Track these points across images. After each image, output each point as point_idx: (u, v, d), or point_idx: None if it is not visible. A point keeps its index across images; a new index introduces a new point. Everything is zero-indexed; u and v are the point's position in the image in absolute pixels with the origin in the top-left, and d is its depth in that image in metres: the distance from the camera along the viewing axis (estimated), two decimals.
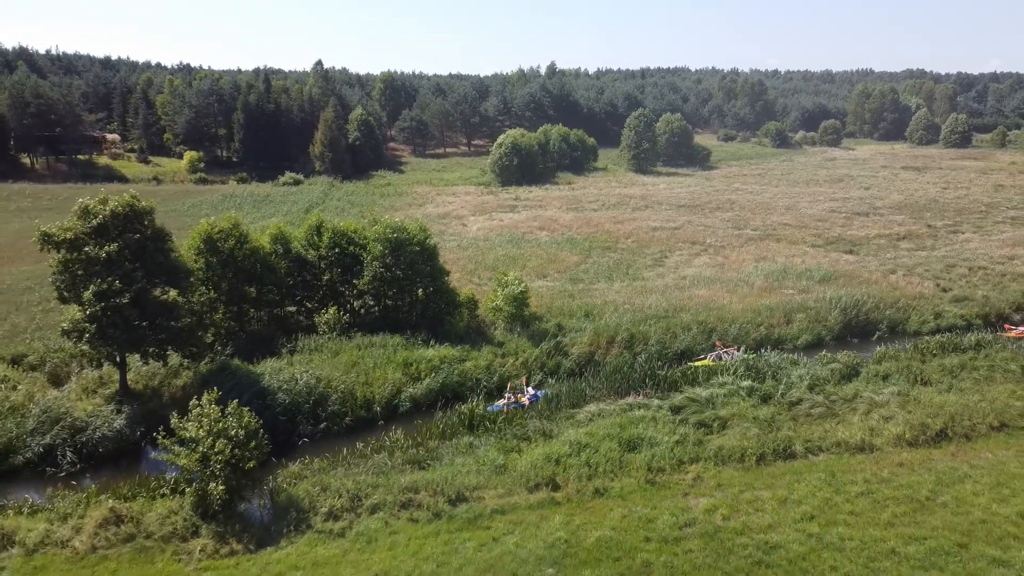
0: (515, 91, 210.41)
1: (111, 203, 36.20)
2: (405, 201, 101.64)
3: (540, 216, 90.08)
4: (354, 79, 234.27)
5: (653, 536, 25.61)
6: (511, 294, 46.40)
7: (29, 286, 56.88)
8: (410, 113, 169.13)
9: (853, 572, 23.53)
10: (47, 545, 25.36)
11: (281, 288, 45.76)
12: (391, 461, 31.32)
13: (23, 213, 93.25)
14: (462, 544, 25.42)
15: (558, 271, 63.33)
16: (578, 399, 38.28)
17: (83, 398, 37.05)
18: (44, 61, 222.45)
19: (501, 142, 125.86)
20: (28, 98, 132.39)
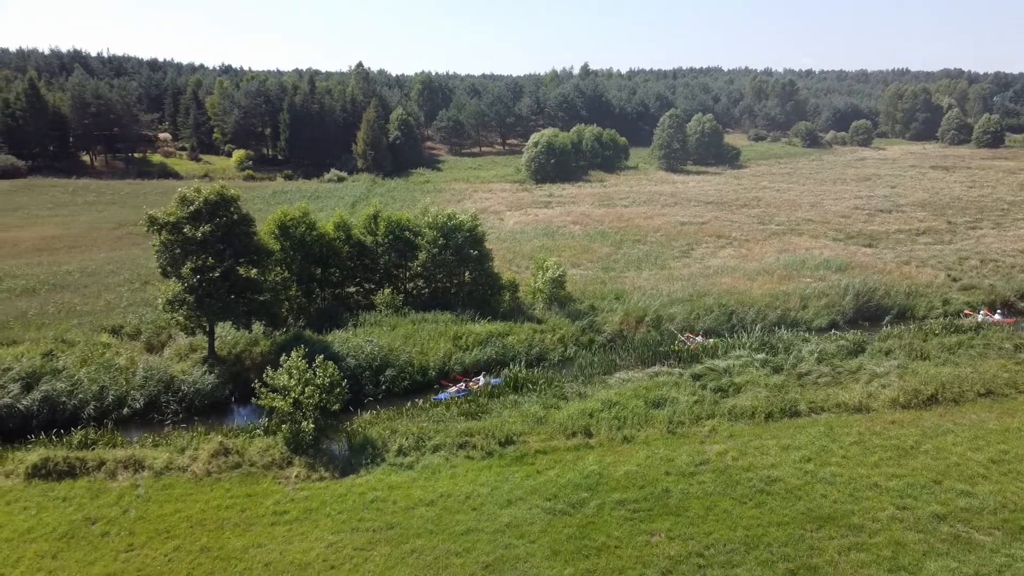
0: (548, 91, 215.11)
1: (204, 191, 41.80)
2: (444, 197, 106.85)
3: (573, 211, 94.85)
4: (392, 80, 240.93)
5: (672, 471, 30.38)
6: (551, 277, 51.40)
7: (113, 269, 63.05)
8: (447, 113, 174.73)
9: (840, 499, 28.08)
10: (171, 470, 30.81)
11: (343, 270, 51.23)
12: (447, 413, 36.46)
13: (90, 207, 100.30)
14: (511, 474, 30.42)
15: (591, 261, 68.06)
16: (609, 368, 43.16)
17: (178, 361, 42.68)
18: (96, 63, 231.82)
19: (535, 141, 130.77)
20: (89, 99, 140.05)
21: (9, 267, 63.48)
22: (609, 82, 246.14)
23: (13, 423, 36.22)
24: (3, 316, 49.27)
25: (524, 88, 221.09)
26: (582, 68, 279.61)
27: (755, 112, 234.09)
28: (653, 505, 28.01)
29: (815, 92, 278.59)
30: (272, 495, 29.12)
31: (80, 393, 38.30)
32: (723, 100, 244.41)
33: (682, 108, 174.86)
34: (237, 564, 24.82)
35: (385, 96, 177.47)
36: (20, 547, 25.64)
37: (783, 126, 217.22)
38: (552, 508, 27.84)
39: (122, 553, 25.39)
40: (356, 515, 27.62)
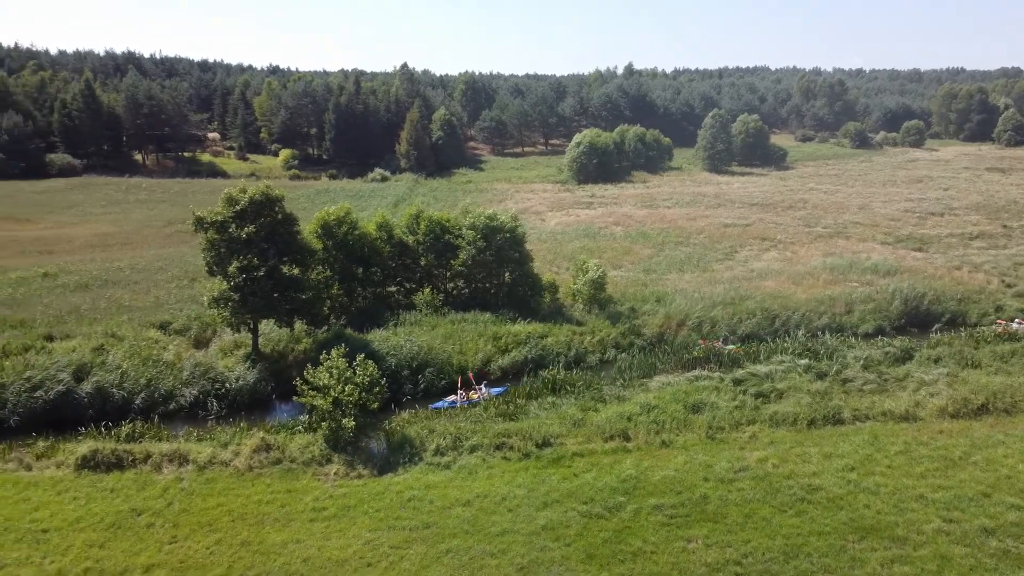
0: (592, 91, 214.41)
1: (249, 192, 42.57)
2: (486, 197, 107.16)
3: (615, 212, 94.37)
4: (436, 80, 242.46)
5: (711, 477, 30.03)
6: (591, 278, 51.24)
7: (162, 266, 64.62)
8: (490, 113, 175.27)
9: (884, 510, 27.43)
10: (214, 464, 31.44)
11: (384, 269, 51.73)
12: (485, 414, 36.56)
13: (142, 205, 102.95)
14: (548, 477, 30.38)
15: (632, 262, 67.63)
16: (649, 371, 42.83)
17: (223, 357, 43.55)
18: (149, 65, 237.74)
19: (578, 141, 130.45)
20: (142, 99, 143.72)
21: (64, 263, 65.46)
22: (653, 82, 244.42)
23: (65, 414, 37.36)
24: (58, 311, 50.81)
25: (567, 88, 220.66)
26: (626, 68, 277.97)
27: (803, 112, 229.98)
28: (691, 511, 27.73)
29: (865, 92, 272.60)
30: (311, 491, 29.53)
31: (128, 387, 39.35)
32: (770, 100, 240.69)
33: (727, 108, 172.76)
34: (276, 558, 25.22)
35: (429, 96, 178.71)
36: (70, 536, 26.41)
37: (831, 127, 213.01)
38: (588, 511, 27.73)
39: (166, 544, 25.98)
40: (393, 513, 27.86)
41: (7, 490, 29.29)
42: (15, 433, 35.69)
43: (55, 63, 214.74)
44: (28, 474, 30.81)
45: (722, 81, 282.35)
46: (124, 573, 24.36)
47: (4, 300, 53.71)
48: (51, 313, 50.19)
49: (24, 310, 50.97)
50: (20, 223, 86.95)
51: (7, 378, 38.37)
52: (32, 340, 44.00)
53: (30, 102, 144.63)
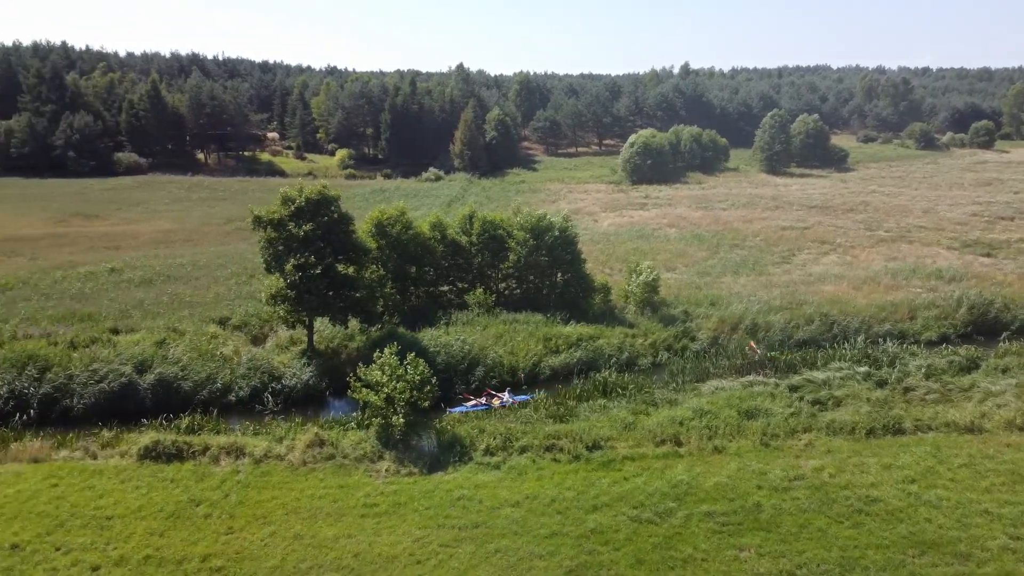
0: (647, 91, 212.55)
1: (306, 191, 43.33)
2: (539, 198, 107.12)
3: (669, 213, 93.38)
4: (491, 80, 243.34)
5: (765, 485, 29.45)
6: (644, 280, 50.79)
7: (222, 263, 66.25)
8: (544, 113, 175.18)
9: (946, 525, 26.52)
10: (269, 458, 32.07)
11: (437, 269, 52.12)
12: (535, 415, 36.53)
13: (203, 203, 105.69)
14: (598, 480, 30.19)
15: (686, 265, 66.81)
16: (702, 375, 42.25)
17: (279, 353, 44.42)
18: (212, 66, 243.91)
19: (632, 142, 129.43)
20: (204, 100, 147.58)
21: (130, 258, 67.63)
22: (710, 82, 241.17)
23: (128, 405, 38.60)
24: (123, 305, 52.51)
25: (622, 88, 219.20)
26: (682, 67, 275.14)
27: (865, 112, 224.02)
28: (743, 519, 27.24)
29: (932, 91, 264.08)
30: (363, 487, 29.90)
31: (188, 380, 40.43)
32: (831, 100, 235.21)
33: (786, 108, 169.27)
34: (328, 552, 25.60)
35: (483, 96, 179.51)
36: (132, 523, 27.22)
37: (895, 127, 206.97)
38: (638, 516, 27.47)
39: (222, 535, 26.60)
40: (443, 512, 28.03)
41: (74, 477, 30.35)
42: (81, 422, 37.02)
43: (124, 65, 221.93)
44: (93, 462, 31.87)
45: (781, 80, 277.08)
46: (182, 562, 25.01)
47: (74, 294, 55.75)
48: (117, 307, 51.90)
49: (92, 304, 52.83)
50: (89, 220, 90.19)
51: (75, 369, 39.82)
52: (99, 333, 45.57)
53: (100, 103, 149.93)
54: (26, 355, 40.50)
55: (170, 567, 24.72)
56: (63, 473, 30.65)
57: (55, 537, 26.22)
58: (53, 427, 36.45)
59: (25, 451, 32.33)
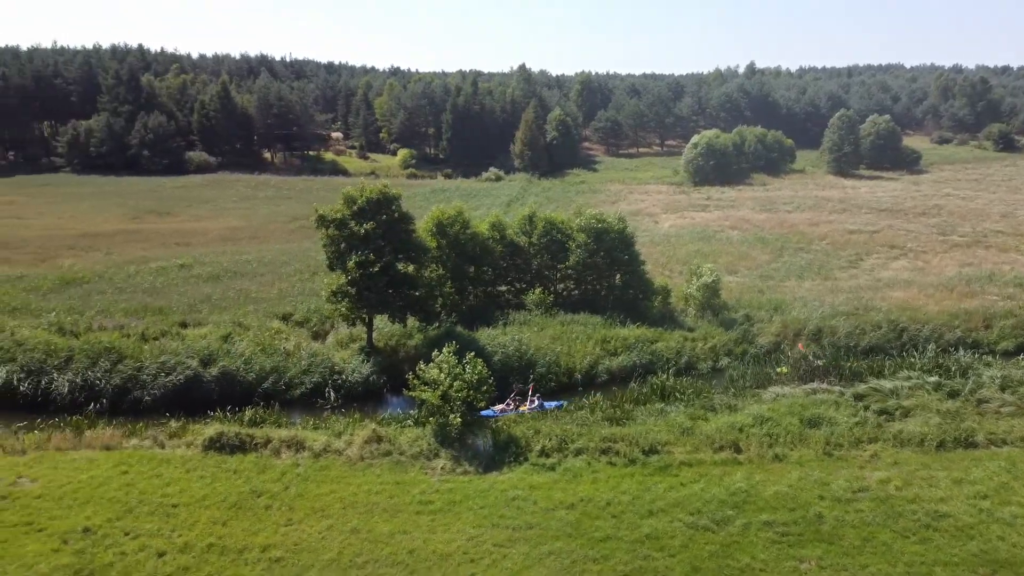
0: (711, 91, 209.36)
1: (367, 190, 43.97)
2: (599, 198, 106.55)
3: (732, 215, 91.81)
4: (552, 81, 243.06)
5: (827, 495, 28.66)
6: (704, 283, 50.03)
7: (286, 260, 67.75)
8: (605, 113, 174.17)
9: (1020, 544, 25.38)
10: (328, 452, 32.64)
11: (496, 269, 52.31)
12: (591, 417, 36.30)
13: (269, 201, 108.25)
14: (654, 484, 29.83)
15: (748, 268, 65.56)
16: (763, 381, 41.41)
17: (339, 350, 45.18)
18: (280, 67, 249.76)
19: (695, 142, 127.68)
20: (272, 100, 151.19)
21: (199, 254, 69.73)
22: (776, 81, 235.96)
23: (194, 397, 39.77)
24: (192, 299, 54.18)
25: (685, 88, 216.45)
26: (748, 67, 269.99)
27: (940, 113, 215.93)
28: (804, 530, 26.55)
29: (1012, 91, 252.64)
30: (418, 485, 30.17)
31: (251, 374, 41.44)
32: (903, 100, 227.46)
33: (856, 108, 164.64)
34: (384, 548, 25.90)
35: (544, 96, 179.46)
36: (196, 512, 28.03)
37: (972, 128, 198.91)
38: (695, 523, 27.04)
39: (282, 526, 27.16)
40: (497, 512, 28.08)
41: (143, 466, 31.41)
42: (150, 413, 38.33)
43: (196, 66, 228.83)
44: (161, 451, 32.93)
45: (851, 80, 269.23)
46: (243, 551, 25.63)
47: (146, 288, 57.75)
48: (185, 301, 53.57)
49: (163, 298, 54.65)
50: (162, 217, 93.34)
51: (145, 361, 41.22)
52: (168, 326, 47.13)
53: (173, 103, 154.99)
54: (101, 346, 42.12)
55: (232, 556, 25.36)
56: (133, 461, 31.74)
57: (124, 522, 27.17)
58: (124, 416, 37.86)
59: (98, 439, 33.59)
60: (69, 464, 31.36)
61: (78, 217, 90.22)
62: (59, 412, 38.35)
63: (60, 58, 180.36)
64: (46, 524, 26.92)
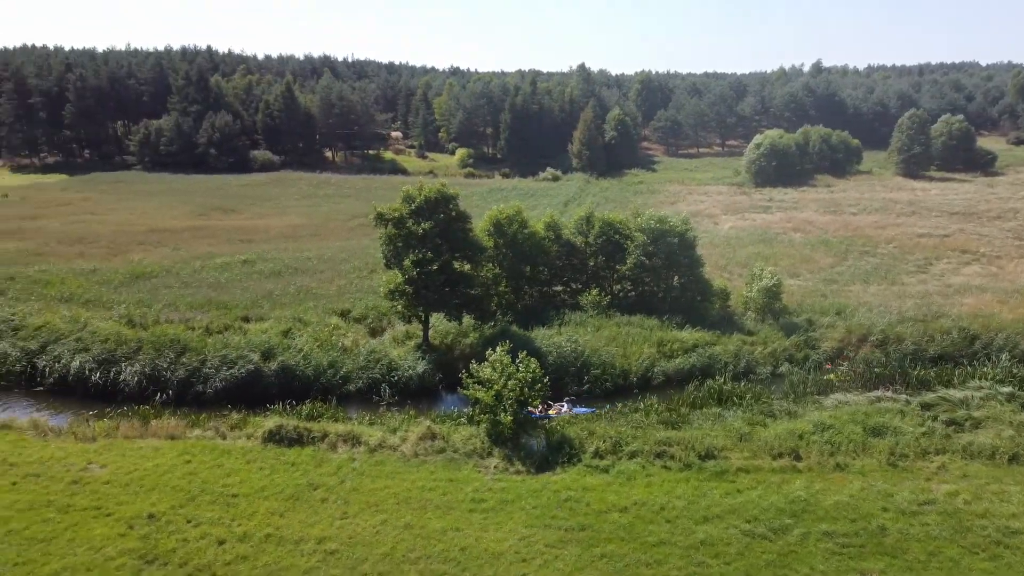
0: (775, 90, 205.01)
1: (425, 190, 44.34)
2: (657, 199, 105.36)
3: (794, 217, 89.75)
4: (612, 80, 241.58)
5: (891, 507, 27.76)
6: (765, 286, 49.00)
7: (345, 257, 68.83)
8: (665, 113, 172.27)
9: None
10: (383, 448, 33.04)
11: (552, 269, 52.19)
12: (646, 420, 35.88)
13: (329, 199, 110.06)
14: (709, 490, 29.34)
15: (811, 271, 63.99)
16: (824, 387, 40.39)
17: (395, 347, 45.67)
18: (342, 68, 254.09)
19: (758, 143, 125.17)
20: (334, 100, 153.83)
21: (262, 251, 71.35)
22: (843, 80, 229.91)
23: (254, 390, 40.70)
24: (254, 295, 55.47)
25: (748, 87, 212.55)
26: (813, 65, 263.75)
27: (1017, 112, 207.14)
28: (866, 542, 25.77)
29: None
30: (471, 482, 30.28)
31: (309, 369, 42.19)
32: (978, 99, 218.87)
33: (927, 108, 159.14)
34: (436, 544, 26.06)
35: (603, 96, 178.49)
36: (255, 502, 28.68)
37: None
38: (751, 531, 26.50)
39: (337, 520, 27.58)
40: (549, 512, 27.99)
41: (205, 456, 32.28)
42: (212, 404, 39.40)
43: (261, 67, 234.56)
44: (223, 442, 33.78)
45: (922, 79, 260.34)
46: (300, 542, 26.10)
47: (211, 283, 59.36)
48: (248, 296, 54.87)
49: (226, 293, 56.09)
50: (227, 213, 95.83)
51: (208, 354, 42.34)
52: (231, 320, 48.36)
53: (239, 103, 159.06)
54: (167, 339, 43.47)
55: (288, 546, 25.86)
56: (196, 451, 32.66)
57: (187, 510, 27.97)
58: (188, 407, 39.02)
59: (163, 428, 34.67)
60: (136, 452, 32.45)
61: (148, 213, 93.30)
62: (127, 401, 39.81)
63: (133, 59, 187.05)
64: (114, 509, 27.89)
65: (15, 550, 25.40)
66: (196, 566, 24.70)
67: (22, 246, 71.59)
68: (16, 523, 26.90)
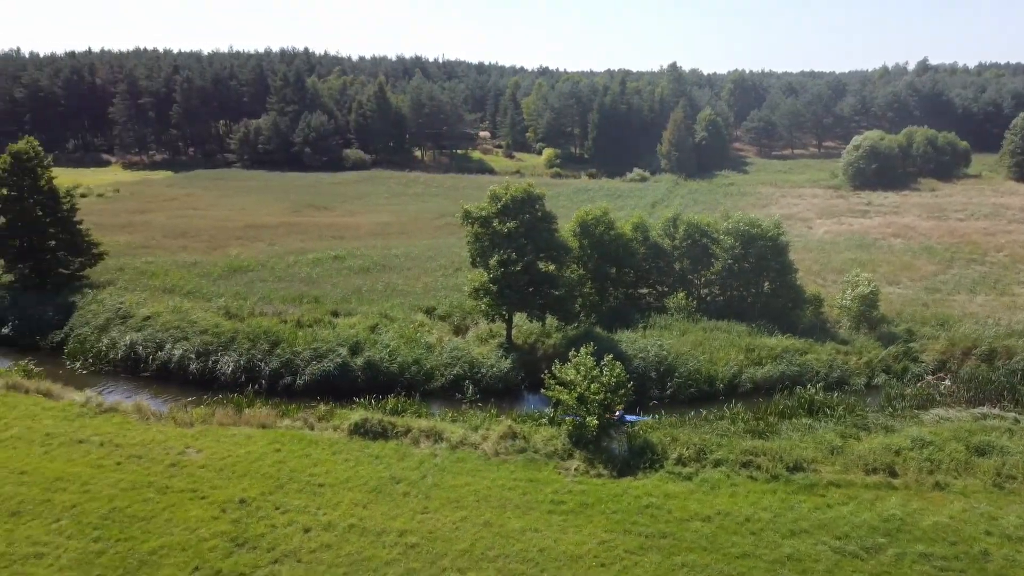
0: (876, 90, 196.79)
1: (512, 189, 44.49)
2: (748, 201, 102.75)
3: (895, 222, 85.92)
4: (703, 79, 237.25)
5: (995, 531, 26.16)
6: (861, 293, 47.05)
7: (431, 255, 69.85)
8: (758, 113, 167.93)
9: None
10: (464, 445, 33.32)
11: (638, 271, 51.54)
12: (732, 428, 34.97)
13: (418, 198, 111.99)
14: (797, 503, 28.33)
15: (911, 279, 61.11)
16: (924, 402, 38.45)
17: (478, 345, 46.00)
18: (433, 68, 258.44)
19: (857, 144, 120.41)
20: (424, 100, 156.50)
21: (352, 248, 73.17)
22: (952, 79, 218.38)
23: (341, 383, 41.76)
24: (344, 290, 56.94)
25: (847, 86, 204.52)
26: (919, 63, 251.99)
27: None
28: (966, 566, 24.37)
29: None
30: (551, 484, 30.17)
31: (395, 364, 42.96)
32: None
33: None
34: (515, 544, 26.08)
35: (694, 96, 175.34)
36: (340, 493, 29.38)
37: None
38: (841, 548, 25.43)
39: (418, 514, 27.95)
40: (630, 517, 27.61)
41: (294, 445, 33.30)
42: (301, 396, 40.64)
43: (355, 68, 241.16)
44: (311, 433, 34.78)
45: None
46: (381, 534, 26.58)
47: (303, 278, 61.27)
48: (338, 292, 56.36)
49: (317, 287, 57.77)
50: (319, 210, 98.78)
51: (299, 347, 43.69)
52: (321, 315, 49.73)
53: (333, 103, 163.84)
54: (261, 331, 45.10)
55: (371, 537, 26.37)
56: (285, 440, 33.72)
57: (275, 497, 28.90)
58: (278, 398, 40.36)
59: (255, 417, 35.96)
60: (229, 439, 33.75)
61: (246, 209, 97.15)
62: (222, 390, 41.54)
63: (235, 61, 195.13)
64: (208, 493, 29.09)
65: (118, 527, 26.81)
66: (283, 552, 25.48)
67: (131, 239, 75.68)
68: (120, 501, 28.40)
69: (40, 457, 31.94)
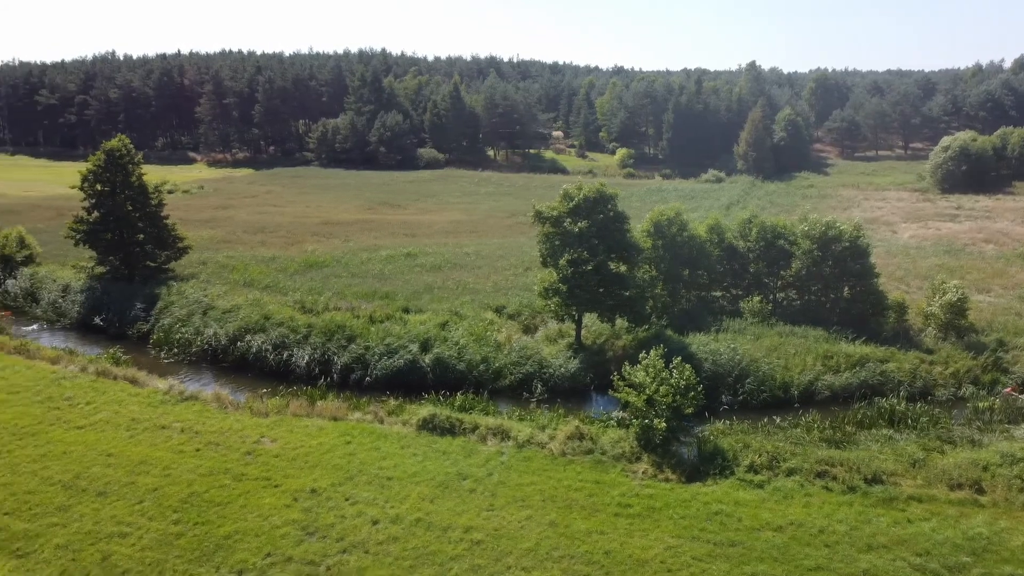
0: (968, 89, 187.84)
1: (584, 189, 44.24)
2: (828, 204, 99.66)
3: (986, 228, 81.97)
4: (784, 79, 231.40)
5: None
6: (948, 301, 45.01)
7: (502, 254, 70.08)
8: (841, 113, 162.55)
9: None
10: (531, 444, 33.27)
11: (711, 273, 50.56)
12: (807, 436, 33.93)
13: (490, 196, 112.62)
14: (875, 517, 27.27)
15: (1004, 287, 58.15)
16: (1016, 416, 36.52)
17: (547, 344, 45.89)
18: (507, 68, 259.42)
19: (946, 145, 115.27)
20: (498, 100, 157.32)
21: (424, 245, 74.09)
22: None
23: (410, 379, 42.30)
24: (415, 287, 57.67)
25: (937, 85, 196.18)
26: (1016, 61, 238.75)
27: None
28: None
29: None
30: (618, 486, 29.85)
31: (463, 362, 43.23)
32: None
33: None
34: (580, 545, 25.89)
35: (774, 95, 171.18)
36: (408, 487, 29.74)
37: None
38: (922, 566, 24.35)
39: (484, 511, 28.05)
40: (698, 524, 27.07)
41: (364, 438, 33.87)
42: (372, 390, 41.36)
43: (431, 68, 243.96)
44: (380, 427, 35.33)
45: None
46: (447, 530, 26.77)
47: (376, 274, 62.33)
48: (409, 288, 57.10)
49: (389, 284, 58.68)
50: (393, 208, 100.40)
51: (371, 342, 44.44)
52: (393, 311, 50.45)
53: (408, 103, 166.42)
54: (334, 325, 46.06)
55: (436, 532, 26.59)
56: (355, 433, 34.33)
57: (345, 488, 29.45)
58: (349, 391, 41.17)
59: (327, 409, 36.74)
60: (302, 430, 34.59)
61: (322, 206, 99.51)
62: (296, 382, 42.58)
63: (315, 62, 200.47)
64: (281, 481, 29.86)
65: (196, 511, 27.77)
66: (351, 542, 25.93)
67: (214, 234, 78.44)
68: (198, 486, 29.42)
69: (126, 441, 33.38)
